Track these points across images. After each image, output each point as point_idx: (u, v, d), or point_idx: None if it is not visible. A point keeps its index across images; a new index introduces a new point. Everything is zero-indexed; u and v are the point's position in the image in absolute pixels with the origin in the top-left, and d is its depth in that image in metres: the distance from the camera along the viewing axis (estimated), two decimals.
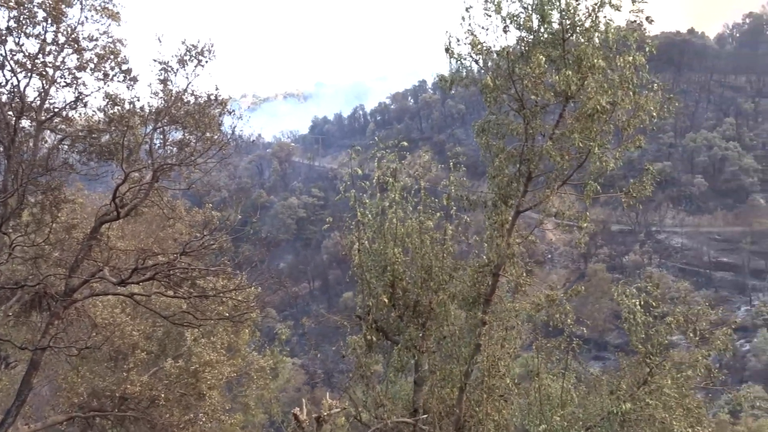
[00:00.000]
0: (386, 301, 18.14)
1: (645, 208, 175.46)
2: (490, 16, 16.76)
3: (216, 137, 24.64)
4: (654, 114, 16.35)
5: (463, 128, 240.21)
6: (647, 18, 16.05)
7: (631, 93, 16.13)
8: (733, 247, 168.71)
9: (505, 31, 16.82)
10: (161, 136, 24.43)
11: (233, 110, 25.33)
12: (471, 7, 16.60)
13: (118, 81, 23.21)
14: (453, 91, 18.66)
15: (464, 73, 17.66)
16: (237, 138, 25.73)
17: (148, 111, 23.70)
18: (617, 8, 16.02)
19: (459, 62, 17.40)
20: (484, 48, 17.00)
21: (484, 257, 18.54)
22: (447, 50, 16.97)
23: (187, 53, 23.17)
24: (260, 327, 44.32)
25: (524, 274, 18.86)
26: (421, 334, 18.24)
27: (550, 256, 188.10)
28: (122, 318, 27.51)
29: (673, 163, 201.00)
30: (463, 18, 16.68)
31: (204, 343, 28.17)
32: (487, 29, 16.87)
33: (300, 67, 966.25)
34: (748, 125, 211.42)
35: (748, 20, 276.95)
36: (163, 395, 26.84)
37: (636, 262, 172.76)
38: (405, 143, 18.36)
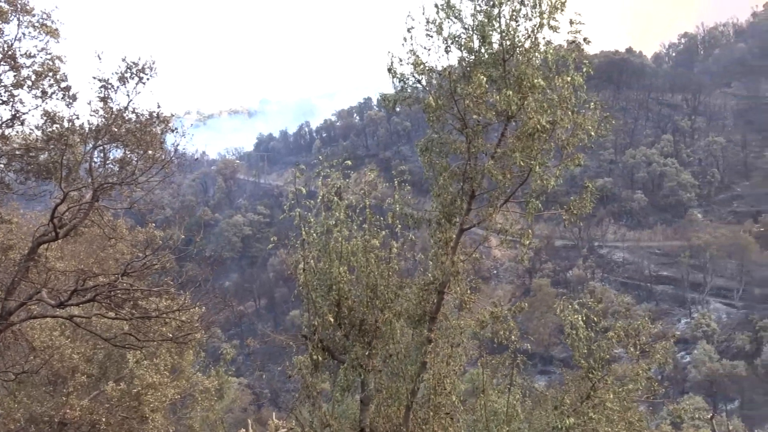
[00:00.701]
0: (332, 320, 18.08)
1: (587, 224, 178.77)
2: (431, 36, 16.98)
3: (158, 155, 24.30)
4: (592, 132, 16.70)
5: (408, 145, 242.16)
6: (585, 39, 16.42)
7: (570, 112, 16.46)
8: (672, 261, 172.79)
9: (447, 52, 17.05)
10: (101, 155, 23.99)
11: (176, 128, 25.01)
12: (413, 27, 16.79)
13: (57, 98, 22.71)
14: (398, 109, 18.79)
15: (407, 93, 17.80)
16: (180, 156, 25.41)
17: (87, 129, 23.26)
18: (555, 29, 16.37)
19: (402, 82, 17.57)
20: (426, 68, 17.20)
21: (429, 275, 18.61)
22: (389, 70, 17.12)
23: (128, 70, 22.80)
24: (205, 347, 43.79)
25: (469, 291, 18.96)
26: (367, 353, 18.19)
27: (495, 271, 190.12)
28: (61, 341, 26.86)
29: (614, 179, 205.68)
30: (405, 38, 16.87)
31: (147, 365, 27.66)
32: (429, 49, 17.08)
33: (245, 84, 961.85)
34: (685, 142, 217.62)
35: (683, 40, 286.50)
36: (104, 419, 26.22)
37: (579, 276, 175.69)
38: (349, 162, 18.39)
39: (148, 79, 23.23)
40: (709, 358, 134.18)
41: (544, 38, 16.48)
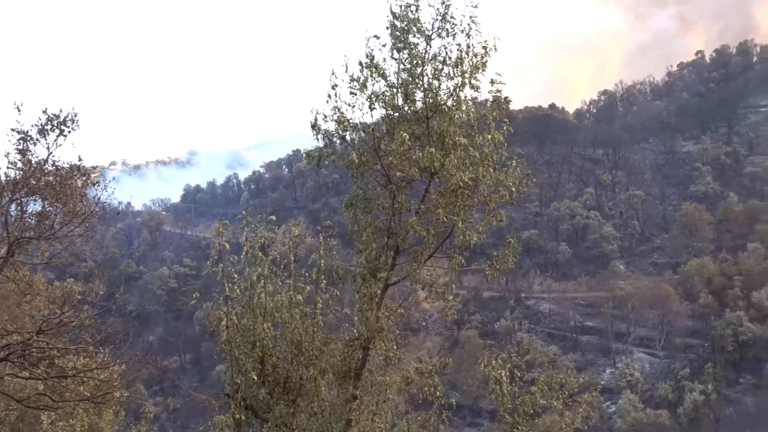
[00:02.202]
0: (255, 377, 17.75)
1: (514, 275, 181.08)
2: (355, 94, 17.20)
3: (79, 209, 23.70)
4: (513, 189, 17.08)
5: (337, 197, 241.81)
6: (505, 98, 16.89)
7: (491, 169, 16.82)
8: (596, 311, 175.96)
9: (371, 109, 17.29)
10: (18, 208, 23.29)
11: (98, 181, 24.53)
12: (336, 85, 17.00)
13: None
14: (327, 162, 18.84)
15: (331, 150, 17.91)
16: (103, 208, 24.86)
17: (4, 182, 22.60)
18: (477, 89, 16.81)
19: (326, 138, 17.69)
20: (351, 125, 17.37)
21: (355, 331, 18.52)
22: (313, 127, 17.24)
23: (49, 122, 22.35)
24: (126, 405, 42.29)
25: (395, 347, 18.92)
26: (291, 411, 17.89)
27: (424, 323, 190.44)
28: None
29: (539, 231, 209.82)
30: (329, 95, 17.04)
31: (62, 426, 26.60)
32: (353, 106, 17.29)
33: (174, 134, 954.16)
34: (606, 195, 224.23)
35: (603, 97, 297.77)
36: None
37: (507, 328, 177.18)
38: (273, 217, 18.34)
39: (70, 131, 22.79)
40: (634, 407, 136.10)
41: (465, 97, 16.89)
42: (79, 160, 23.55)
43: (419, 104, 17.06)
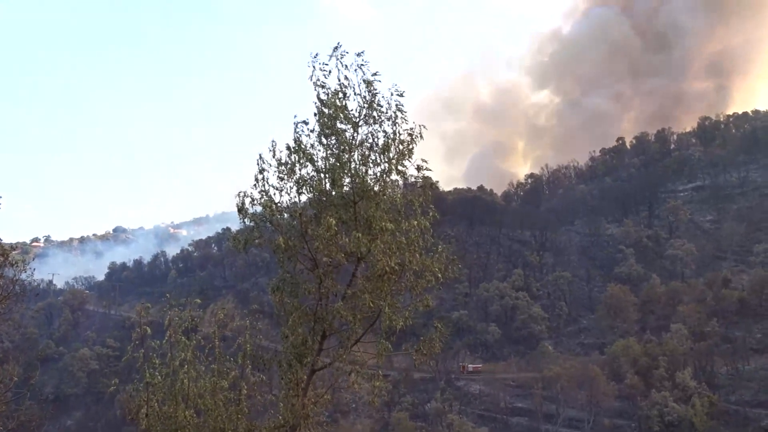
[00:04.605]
0: None
1: (444, 356, 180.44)
2: (283, 178, 17.31)
3: None
4: (439, 275, 17.24)
5: (267, 276, 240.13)
6: (431, 185, 17.24)
7: (417, 255, 17.00)
8: (526, 392, 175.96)
9: (299, 193, 17.41)
10: None
11: (16, 261, 23.85)
12: (264, 170, 17.10)
13: None
14: (257, 241, 18.76)
15: (257, 234, 17.86)
16: (22, 287, 24.13)
17: None
18: (403, 174, 17.13)
19: (253, 222, 17.67)
20: (278, 208, 17.42)
21: (280, 417, 18.15)
22: (240, 210, 17.22)
23: None
24: None
25: None
26: None
27: (354, 405, 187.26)
28: None
29: (469, 311, 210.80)
30: (257, 179, 17.11)
31: None
32: (281, 190, 17.38)
33: (99, 210, 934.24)
34: (534, 276, 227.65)
35: (530, 180, 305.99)
36: None
37: (438, 409, 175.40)
38: (198, 300, 18.07)
39: None
40: None
41: (392, 182, 17.16)
42: None
43: (347, 189, 17.25)
